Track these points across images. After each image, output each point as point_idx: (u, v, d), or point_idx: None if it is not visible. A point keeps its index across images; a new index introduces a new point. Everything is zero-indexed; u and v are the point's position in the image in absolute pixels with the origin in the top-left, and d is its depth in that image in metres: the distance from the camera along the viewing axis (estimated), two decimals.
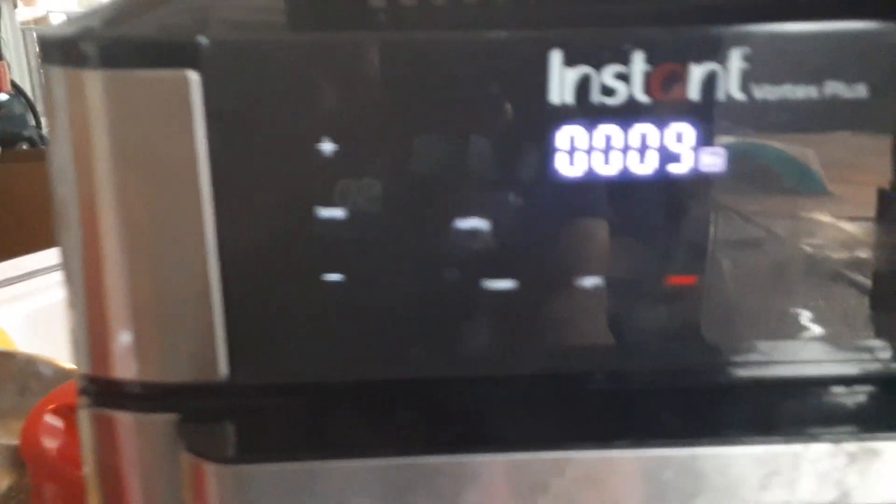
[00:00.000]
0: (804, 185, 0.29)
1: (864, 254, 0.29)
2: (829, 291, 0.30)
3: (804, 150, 0.28)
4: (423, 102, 0.28)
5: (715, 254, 0.29)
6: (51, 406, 0.72)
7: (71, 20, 0.29)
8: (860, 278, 0.30)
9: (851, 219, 0.29)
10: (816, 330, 0.30)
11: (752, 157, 0.28)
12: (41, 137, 2.41)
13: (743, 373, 0.31)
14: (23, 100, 2.47)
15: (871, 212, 0.29)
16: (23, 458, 0.70)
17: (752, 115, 0.27)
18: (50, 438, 0.71)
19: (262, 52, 0.27)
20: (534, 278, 0.29)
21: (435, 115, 0.28)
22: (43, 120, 2.52)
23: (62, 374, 0.89)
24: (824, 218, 0.29)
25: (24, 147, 2.35)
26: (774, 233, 0.29)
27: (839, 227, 0.29)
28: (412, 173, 0.28)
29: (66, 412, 0.73)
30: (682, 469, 0.28)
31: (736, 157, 0.28)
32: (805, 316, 0.30)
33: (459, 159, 0.28)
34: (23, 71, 2.87)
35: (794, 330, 0.30)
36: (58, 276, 0.31)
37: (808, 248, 0.29)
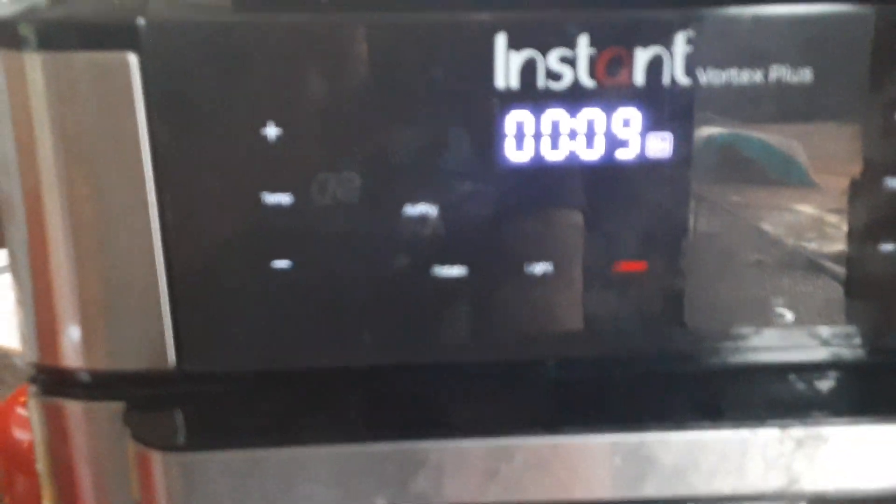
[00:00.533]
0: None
1: (812, 241, 0.29)
2: (782, 279, 0.30)
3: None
4: (369, 86, 0.27)
5: (665, 240, 0.29)
6: (23, 398, 0.71)
7: (10, 1, 0.29)
8: (813, 266, 0.30)
9: (799, 203, 0.29)
10: (768, 318, 0.30)
11: (702, 143, 0.28)
12: None
13: (694, 360, 0.31)
14: None
15: (817, 196, 0.29)
16: None
17: (698, 99, 0.27)
18: (22, 431, 0.70)
19: (202, 34, 0.26)
20: (484, 265, 0.29)
21: (381, 99, 0.27)
22: None
23: None
24: (774, 203, 0.29)
25: None
26: (725, 219, 0.29)
27: (792, 214, 0.29)
28: (358, 158, 0.28)
29: None
30: (630, 455, 0.28)
31: (681, 142, 0.28)
32: (756, 304, 0.30)
33: (406, 144, 0.28)
34: None
35: (745, 318, 0.30)
36: None
37: (759, 235, 0.29)
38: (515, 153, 0.28)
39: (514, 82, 0.27)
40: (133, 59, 0.26)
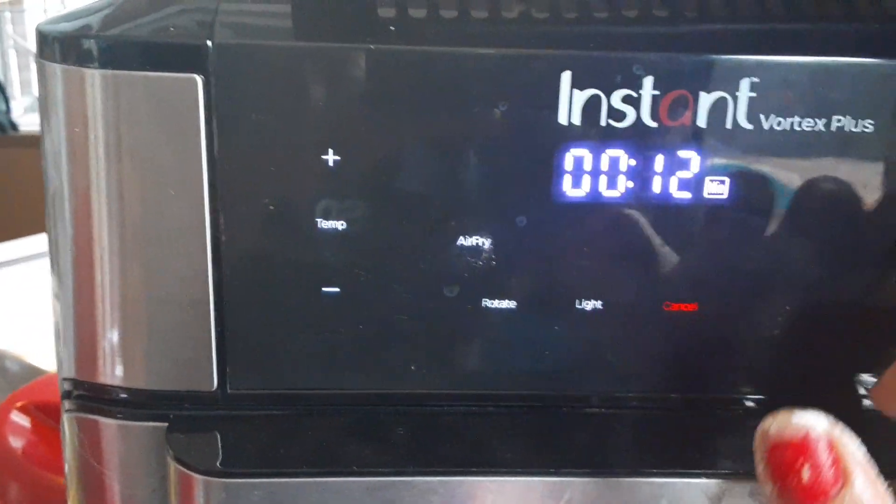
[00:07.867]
0: None
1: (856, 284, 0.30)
2: (816, 322, 0.30)
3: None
4: (429, 117, 0.27)
5: (715, 281, 0.29)
6: (18, 404, 0.70)
7: (70, 15, 0.28)
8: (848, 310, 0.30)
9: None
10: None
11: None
12: (11, 123, 2.36)
13: (741, 403, 0.31)
14: None
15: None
16: None
17: (759, 144, 0.27)
18: (16, 437, 0.69)
19: (270, 59, 0.26)
20: (533, 299, 0.29)
21: (441, 131, 0.27)
22: (12, 104, 2.47)
23: (29, 371, 0.87)
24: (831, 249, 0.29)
25: None
26: (778, 263, 0.29)
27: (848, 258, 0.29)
28: (415, 188, 0.28)
29: (33, 411, 0.72)
30: (677, 496, 0.28)
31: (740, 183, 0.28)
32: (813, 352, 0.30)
33: (464, 175, 0.28)
34: None
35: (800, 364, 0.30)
36: (25, 270, 0.29)
37: (815, 281, 0.29)
38: (572, 189, 0.28)
39: (577, 119, 0.27)
40: (199, 81, 0.26)
